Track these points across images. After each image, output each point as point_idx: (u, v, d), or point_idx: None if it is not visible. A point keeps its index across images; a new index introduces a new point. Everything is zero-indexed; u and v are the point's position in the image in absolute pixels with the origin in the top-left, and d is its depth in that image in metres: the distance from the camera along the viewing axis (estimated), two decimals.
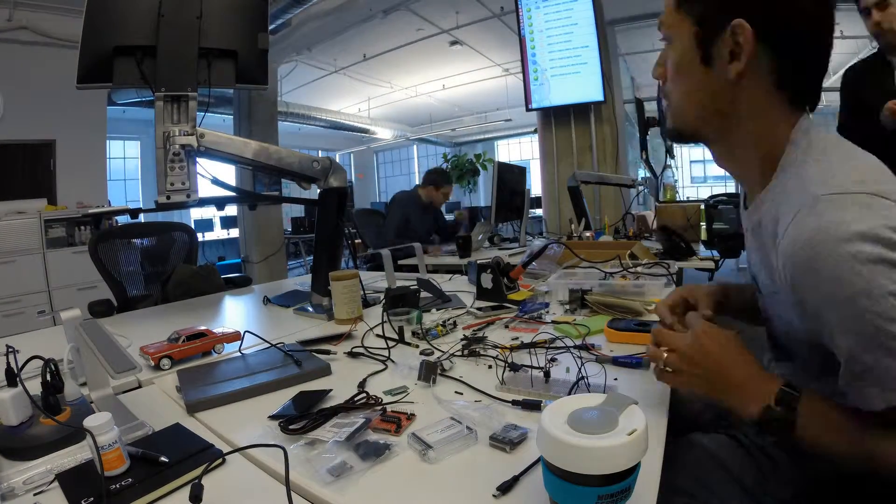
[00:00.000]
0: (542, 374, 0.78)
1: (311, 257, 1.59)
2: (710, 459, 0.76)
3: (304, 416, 0.70)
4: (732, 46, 0.62)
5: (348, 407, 0.72)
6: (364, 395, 0.76)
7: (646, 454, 0.45)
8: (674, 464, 0.76)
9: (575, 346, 0.98)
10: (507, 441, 0.60)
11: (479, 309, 1.30)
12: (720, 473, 0.75)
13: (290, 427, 0.67)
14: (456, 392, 0.80)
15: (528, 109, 4.69)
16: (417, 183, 3.82)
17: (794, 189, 0.59)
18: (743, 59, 0.62)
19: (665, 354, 0.67)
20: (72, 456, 0.64)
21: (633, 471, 0.45)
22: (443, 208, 3.91)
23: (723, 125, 0.69)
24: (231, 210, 6.85)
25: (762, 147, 0.66)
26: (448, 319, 1.20)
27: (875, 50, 1.97)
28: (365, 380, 0.86)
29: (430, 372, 0.81)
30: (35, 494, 0.56)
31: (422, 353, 0.99)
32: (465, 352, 0.97)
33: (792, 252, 0.55)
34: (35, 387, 0.71)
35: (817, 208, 0.53)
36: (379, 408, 0.73)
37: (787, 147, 0.64)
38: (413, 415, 0.70)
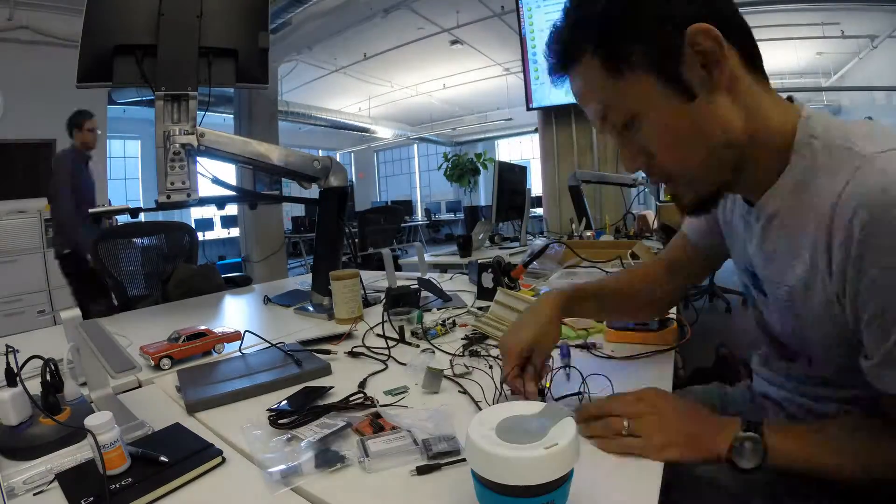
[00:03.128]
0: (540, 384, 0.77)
1: (312, 257, 1.58)
2: (709, 468, 0.72)
3: (295, 411, 0.70)
4: (701, 57, 0.54)
5: (340, 406, 0.72)
6: (360, 394, 0.76)
7: (651, 474, 0.44)
8: (674, 476, 0.74)
9: (576, 346, 0.98)
10: (435, 454, 0.58)
11: (479, 308, 1.30)
12: (719, 480, 0.72)
13: (279, 421, 0.67)
14: (460, 391, 0.79)
15: (528, 109, 4.69)
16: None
17: (833, 160, 0.53)
18: (722, 58, 0.54)
19: (626, 422, 0.59)
20: (72, 456, 0.63)
21: (558, 484, 0.44)
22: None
23: (741, 154, 0.59)
24: (231, 209, 6.85)
25: (774, 140, 0.59)
26: (448, 319, 1.19)
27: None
28: (365, 380, 0.85)
29: (434, 381, 0.80)
30: (35, 494, 0.56)
31: (423, 352, 0.99)
32: (467, 352, 0.97)
33: (855, 216, 0.48)
34: (35, 386, 0.71)
35: (877, 164, 0.48)
36: (373, 409, 0.72)
37: (798, 127, 0.57)
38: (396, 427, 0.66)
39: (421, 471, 0.56)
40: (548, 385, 0.75)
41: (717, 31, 0.53)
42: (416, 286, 1.39)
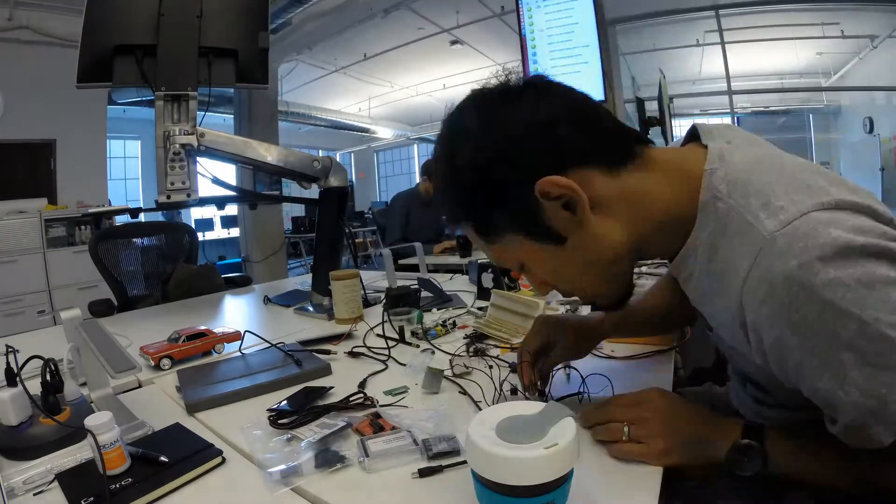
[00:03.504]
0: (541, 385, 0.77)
1: (312, 257, 1.59)
2: (710, 486, 0.70)
3: (296, 411, 0.70)
4: (558, 202, 0.55)
5: (340, 406, 0.72)
6: (360, 395, 0.76)
7: (652, 477, 0.44)
8: (674, 489, 0.74)
9: None
10: (435, 454, 0.58)
11: (479, 308, 1.30)
12: (720, 482, 0.70)
13: (279, 421, 0.67)
14: (460, 392, 0.79)
15: None
16: (417, 182, 3.81)
17: (735, 232, 0.51)
18: (580, 198, 0.54)
19: (626, 428, 0.59)
20: (72, 456, 0.64)
21: (558, 484, 0.44)
22: None
23: (634, 252, 0.61)
24: (231, 209, 6.85)
25: (672, 219, 0.57)
26: (448, 319, 1.19)
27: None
28: (365, 380, 0.85)
29: (434, 381, 0.80)
30: (35, 494, 0.56)
31: (423, 352, 0.99)
32: (471, 350, 0.97)
33: (763, 309, 0.48)
34: (35, 386, 0.71)
35: (777, 246, 0.46)
36: (373, 409, 0.72)
37: (702, 185, 0.55)
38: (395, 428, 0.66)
39: (423, 473, 0.56)
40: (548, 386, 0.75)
41: (560, 178, 0.53)
42: (416, 286, 1.39)
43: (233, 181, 1.60)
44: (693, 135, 0.63)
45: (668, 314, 0.88)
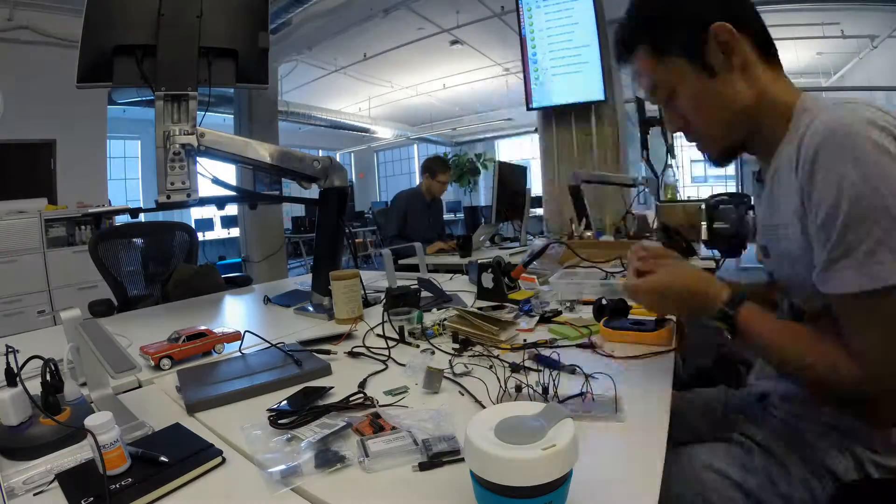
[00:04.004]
0: (540, 389, 0.77)
1: (312, 257, 1.59)
2: (710, 471, 0.77)
3: (296, 411, 0.70)
4: (722, 46, 0.73)
5: (340, 406, 0.72)
6: (360, 395, 0.76)
7: (648, 471, 0.44)
8: (674, 479, 0.75)
9: (577, 346, 0.98)
10: (435, 454, 0.58)
11: (479, 308, 1.30)
12: (721, 483, 0.75)
13: (279, 421, 0.67)
14: (460, 392, 0.79)
15: (528, 109, 4.69)
16: (417, 182, 3.81)
17: (803, 124, 0.67)
18: (737, 47, 0.73)
19: (632, 274, 0.82)
20: (72, 456, 0.63)
21: (557, 484, 0.44)
22: (443, 206, 3.89)
23: (752, 118, 0.76)
24: (231, 209, 6.85)
25: (777, 110, 0.74)
26: (443, 319, 1.19)
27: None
28: (365, 380, 0.85)
29: (434, 380, 0.80)
30: (35, 494, 0.56)
31: (423, 352, 0.99)
32: (465, 351, 0.97)
33: (815, 139, 0.62)
34: (35, 387, 0.71)
35: (834, 110, 0.64)
36: (373, 409, 0.72)
37: (797, 102, 0.72)
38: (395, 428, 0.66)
39: (423, 466, 0.56)
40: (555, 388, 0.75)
41: (731, 27, 0.72)
42: (416, 286, 1.39)
43: (233, 181, 1.60)
44: None
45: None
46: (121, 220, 3.54)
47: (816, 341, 0.67)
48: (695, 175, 11.86)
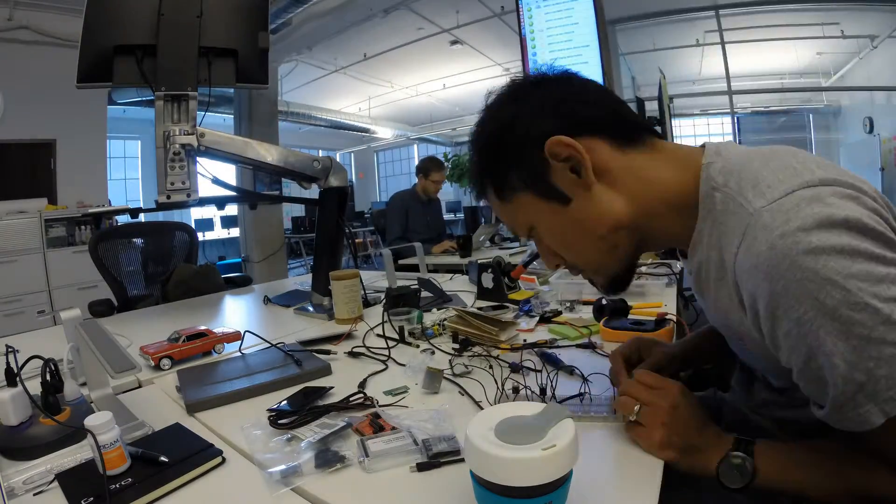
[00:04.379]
0: (538, 389, 0.77)
1: (312, 257, 1.58)
2: (710, 489, 0.73)
3: (296, 411, 0.70)
4: (565, 164, 0.60)
5: (340, 406, 0.72)
6: (360, 395, 0.76)
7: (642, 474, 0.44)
8: (674, 479, 0.74)
9: (578, 346, 0.98)
10: (435, 455, 0.58)
11: (479, 308, 1.30)
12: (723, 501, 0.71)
13: (279, 421, 0.67)
14: (460, 392, 0.79)
15: None
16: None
17: (729, 215, 0.54)
18: (584, 159, 0.60)
19: (636, 408, 0.61)
20: (71, 456, 0.64)
21: (557, 485, 0.44)
22: (443, 206, 3.89)
23: (638, 228, 0.63)
24: (231, 209, 6.85)
25: (676, 200, 0.61)
26: (443, 319, 1.19)
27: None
28: (365, 380, 0.85)
29: (434, 381, 0.80)
30: (35, 494, 0.56)
31: (423, 352, 0.99)
32: (465, 351, 0.97)
33: (751, 280, 0.50)
34: (35, 387, 0.71)
35: (762, 221, 0.49)
36: (372, 409, 0.72)
37: (701, 178, 0.59)
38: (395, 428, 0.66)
39: (421, 467, 0.56)
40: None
41: (568, 139, 0.59)
42: (416, 286, 1.39)
43: (233, 181, 1.60)
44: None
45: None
46: (121, 220, 3.54)
47: (866, 473, 0.53)
48: None
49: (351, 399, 0.74)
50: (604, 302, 1.09)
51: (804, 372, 0.50)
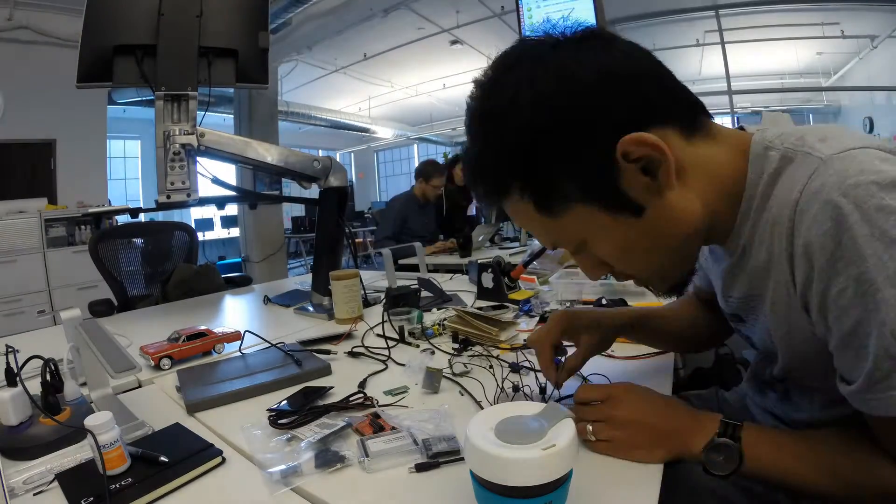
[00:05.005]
0: (537, 389, 0.77)
1: (312, 257, 1.58)
2: (711, 489, 0.68)
3: (296, 411, 0.70)
4: (639, 165, 0.49)
5: (340, 406, 0.72)
6: (360, 395, 0.76)
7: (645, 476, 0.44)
8: (674, 479, 0.73)
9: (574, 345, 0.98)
10: (435, 454, 0.58)
11: (479, 309, 1.30)
12: (719, 485, 0.66)
13: (280, 421, 0.67)
14: (460, 392, 0.79)
15: None
16: None
17: (790, 164, 0.50)
18: (668, 160, 0.49)
19: (590, 426, 0.57)
20: (71, 456, 0.63)
21: (557, 485, 0.44)
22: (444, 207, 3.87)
23: (706, 226, 0.55)
24: (231, 209, 6.85)
25: (732, 188, 0.54)
26: (443, 319, 1.19)
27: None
28: (365, 380, 0.85)
29: (433, 380, 0.80)
30: (35, 494, 0.56)
31: (423, 352, 0.99)
32: (465, 351, 0.97)
33: (815, 225, 0.44)
34: (35, 386, 0.71)
35: (834, 166, 0.45)
36: (372, 409, 0.72)
37: (752, 145, 0.54)
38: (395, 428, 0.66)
39: (420, 468, 0.56)
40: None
41: (649, 135, 0.48)
42: (416, 286, 1.39)
43: (233, 181, 1.60)
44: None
45: (689, 328, 0.86)
46: (121, 219, 3.54)
47: (859, 463, 0.50)
48: None
49: (351, 399, 0.74)
50: (604, 302, 1.09)
51: (847, 339, 0.45)
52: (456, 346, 1.01)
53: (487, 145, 0.54)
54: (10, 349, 0.74)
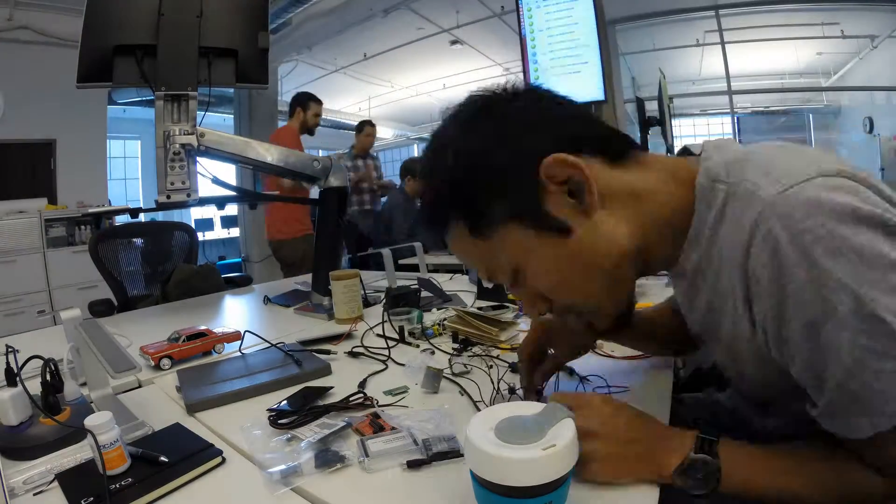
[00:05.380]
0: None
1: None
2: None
3: (296, 411, 0.70)
4: (563, 188, 0.53)
5: (340, 406, 0.72)
6: (360, 395, 0.76)
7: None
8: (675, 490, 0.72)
9: None
10: (435, 454, 0.58)
11: (479, 308, 1.30)
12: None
13: (280, 421, 0.67)
14: (460, 392, 0.79)
15: None
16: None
17: (736, 204, 0.50)
18: (588, 179, 0.52)
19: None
20: (71, 456, 0.64)
21: (557, 485, 0.44)
22: None
23: (641, 253, 0.56)
24: (231, 209, 6.85)
25: (671, 217, 0.56)
26: (443, 319, 1.19)
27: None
28: (365, 380, 0.85)
29: (433, 380, 0.80)
30: (35, 494, 0.56)
31: (423, 352, 0.99)
32: (464, 351, 0.97)
33: (766, 274, 0.46)
34: (35, 386, 0.71)
35: (780, 211, 0.45)
36: (372, 409, 0.72)
37: (698, 176, 0.54)
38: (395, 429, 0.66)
39: (410, 465, 0.56)
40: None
41: (569, 156, 0.51)
42: (416, 286, 1.39)
43: (233, 181, 1.60)
44: (683, 152, 0.62)
45: (679, 329, 0.82)
46: (121, 219, 3.54)
47: (827, 459, 0.51)
48: None
49: (351, 399, 0.74)
50: None
51: (804, 371, 0.48)
52: (456, 346, 1.01)
53: (431, 179, 0.59)
54: (10, 349, 0.74)
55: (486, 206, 0.54)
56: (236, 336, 1.07)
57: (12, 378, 0.70)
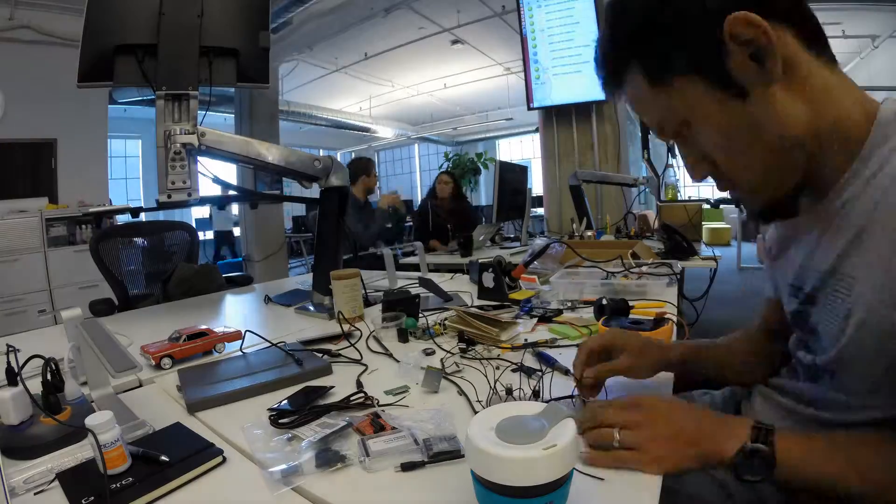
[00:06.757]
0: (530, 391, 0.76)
1: (312, 256, 1.58)
2: (707, 473, 0.68)
3: (297, 411, 0.70)
4: (746, 49, 0.50)
5: (341, 406, 0.72)
6: (361, 394, 0.76)
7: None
8: (674, 479, 0.72)
9: (577, 346, 0.98)
10: (435, 454, 0.57)
11: (479, 308, 1.30)
12: (720, 483, 0.68)
13: (280, 421, 0.67)
14: (459, 392, 0.79)
15: (529, 108, 4.68)
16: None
17: None
18: (772, 45, 0.49)
19: (617, 434, 0.56)
20: (72, 455, 0.63)
21: (558, 485, 0.44)
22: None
23: (811, 151, 0.54)
24: (232, 209, 6.86)
25: (848, 130, 0.54)
26: (445, 319, 1.19)
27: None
28: (365, 379, 0.85)
29: (434, 380, 0.80)
30: (36, 493, 0.56)
31: (423, 351, 0.99)
32: (466, 351, 0.97)
33: None
34: (35, 386, 0.71)
35: None
36: (373, 409, 0.72)
37: (881, 107, 0.54)
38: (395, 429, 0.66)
39: (411, 465, 0.56)
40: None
41: (756, 16, 0.49)
42: (416, 284, 1.39)
43: (233, 180, 1.60)
44: None
45: (741, 363, 0.82)
46: (121, 219, 3.54)
47: (880, 452, 0.51)
48: None
49: (351, 399, 0.74)
50: (604, 301, 1.09)
51: None
52: (462, 345, 1.01)
53: (608, 31, 0.59)
54: (10, 348, 0.74)
55: (669, 54, 0.54)
56: (237, 335, 1.07)
57: (13, 377, 0.70)
